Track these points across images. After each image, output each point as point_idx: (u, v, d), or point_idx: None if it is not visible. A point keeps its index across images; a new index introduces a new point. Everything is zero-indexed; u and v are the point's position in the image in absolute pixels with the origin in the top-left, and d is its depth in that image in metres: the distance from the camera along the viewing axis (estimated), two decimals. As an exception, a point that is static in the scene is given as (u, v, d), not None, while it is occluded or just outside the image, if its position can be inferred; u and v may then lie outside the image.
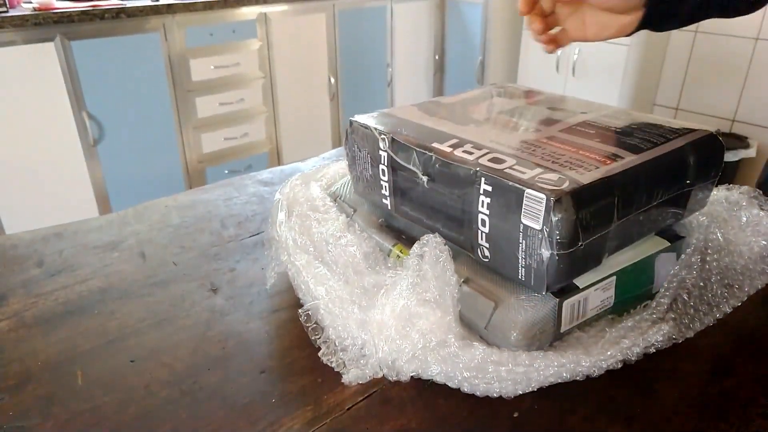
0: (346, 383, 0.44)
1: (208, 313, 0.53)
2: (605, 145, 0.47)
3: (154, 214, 0.71)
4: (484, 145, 0.47)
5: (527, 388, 0.42)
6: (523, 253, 0.42)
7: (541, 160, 0.44)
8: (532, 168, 0.43)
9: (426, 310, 0.44)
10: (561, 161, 0.44)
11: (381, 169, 0.53)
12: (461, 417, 0.42)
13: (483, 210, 0.44)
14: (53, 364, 0.47)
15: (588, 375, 0.42)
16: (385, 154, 0.51)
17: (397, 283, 0.46)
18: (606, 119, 0.53)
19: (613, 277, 0.46)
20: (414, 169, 0.49)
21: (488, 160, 0.45)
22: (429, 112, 0.56)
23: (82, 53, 1.93)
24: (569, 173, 0.42)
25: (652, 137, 0.48)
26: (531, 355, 0.42)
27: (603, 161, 0.44)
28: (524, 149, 0.46)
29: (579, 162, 0.44)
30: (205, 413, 0.42)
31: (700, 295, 0.49)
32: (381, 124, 0.53)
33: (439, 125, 0.52)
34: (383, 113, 0.57)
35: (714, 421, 0.41)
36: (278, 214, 0.56)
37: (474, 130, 0.51)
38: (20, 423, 0.41)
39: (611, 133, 0.50)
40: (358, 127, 0.54)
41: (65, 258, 0.61)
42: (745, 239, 0.52)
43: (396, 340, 0.44)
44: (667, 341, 0.45)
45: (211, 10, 2.20)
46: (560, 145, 0.47)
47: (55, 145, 1.97)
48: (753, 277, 0.51)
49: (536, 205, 0.40)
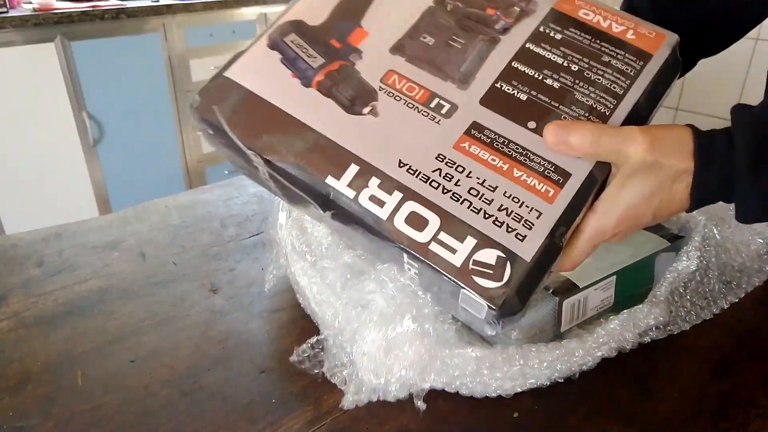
0: (344, 408, 0.42)
1: (208, 313, 0.53)
2: (540, 146, 0.38)
3: (154, 215, 0.71)
4: (393, 177, 0.37)
5: (525, 385, 0.42)
6: (463, 320, 0.39)
7: (467, 212, 0.36)
8: (462, 236, 0.35)
9: (405, 337, 0.40)
10: (492, 207, 0.36)
11: (262, 176, 0.42)
12: (461, 417, 0.42)
13: (410, 275, 0.38)
14: (53, 364, 0.47)
15: (583, 365, 0.42)
16: (264, 169, 0.41)
17: (373, 310, 0.42)
18: (539, 47, 0.42)
19: (613, 276, 0.47)
20: (309, 199, 0.40)
21: (406, 221, 0.36)
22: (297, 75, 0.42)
23: (82, 53, 1.93)
24: (507, 241, 0.35)
25: (601, 97, 0.39)
26: (523, 352, 0.41)
27: (545, 194, 0.36)
28: (443, 177, 0.37)
29: (516, 208, 0.36)
30: (205, 413, 0.42)
31: (696, 289, 0.49)
32: (237, 121, 0.40)
33: (320, 119, 0.40)
34: (228, 85, 0.42)
35: (714, 421, 0.41)
36: (279, 215, 0.56)
37: (371, 127, 0.39)
38: (20, 423, 0.41)
39: (554, 98, 0.40)
40: (206, 122, 0.42)
41: (65, 258, 0.61)
42: (742, 237, 0.52)
43: (381, 376, 0.41)
44: (663, 332, 0.45)
45: (211, 11, 2.20)
46: (485, 165, 0.37)
47: (55, 145, 1.97)
48: (750, 275, 0.52)
49: (476, 304, 0.35)
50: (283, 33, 0.44)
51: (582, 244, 0.38)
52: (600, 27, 0.42)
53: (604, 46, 0.41)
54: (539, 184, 0.37)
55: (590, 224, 0.38)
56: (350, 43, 0.43)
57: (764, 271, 0.52)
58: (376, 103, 0.40)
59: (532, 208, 0.36)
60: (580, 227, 0.38)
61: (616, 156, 0.37)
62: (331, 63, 0.42)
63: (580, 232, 0.38)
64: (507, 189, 0.37)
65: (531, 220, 0.36)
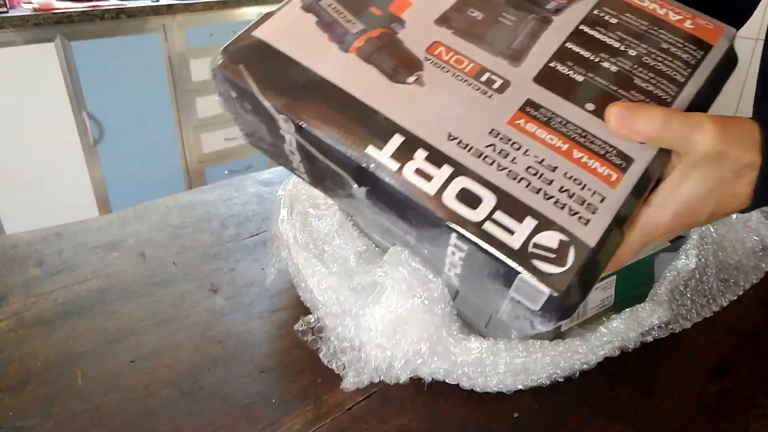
0: (344, 390, 0.43)
1: (208, 313, 0.53)
2: (604, 127, 0.35)
3: (154, 215, 0.71)
4: (442, 151, 0.34)
5: (527, 381, 0.42)
6: (505, 315, 0.35)
7: (526, 191, 0.33)
8: (520, 217, 0.32)
9: (414, 314, 0.42)
10: (552, 188, 0.33)
11: (287, 148, 0.39)
12: (461, 416, 0.42)
13: (452, 261, 0.35)
14: (53, 364, 0.47)
15: (586, 363, 0.42)
16: (293, 138, 0.38)
17: (383, 289, 0.44)
18: (598, 32, 0.40)
19: (613, 276, 0.47)
20: (342, 173, 0.37)
21: (457, 198, 0.33)
22: (337, 37, 0.39)
23: (82, 53, 1.93)
24: (569, 224, 0.32)
25: (662, 83, 0.38)
26: (526, 346, 0.42)
27: (607, 178, 0.34)
28: (497, 153, 0.34)
29: (578, 190, 0.33)
30: (205, 413, 0.42)
31: (696, 287, 0.50)
32: (267, 83, 0.37)
33: (360, 86, 0.37)
34: (257, 45, 0.39)
35: (714, 421, 0.41)
36: (280, 211, 0.56)
37: (417, 97, 0.37)
38: (20, 423, 0.41)
39: (612, 81, 0.38)
40: (230, 84, 0.38)
41: (65, 258, 0.61)
42: (737, 235, 0.53)
43: (387, 349, 0.42)
44: (665, 331, 0.46)
45: (211, 11, 2.20)
46: (543, 144, 0.35)
47: (55, 145, 1.97)
48: (747, 272, 0.52)
49: (534, 292, 0.32)
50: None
51: (632, 240, 0.36)
52: (657, 14, 0.41)
53: (662, 33, 0.40)
54: (601, 167, 0.34)
55: (643, 219, 0.36)
56: (392, 12, 0.41)
57: (761, 269, 0.53)
58: (421, 72, 0.38)
59: (594, 191, 0.34)
60: (631, 222, 0.36)
61: (683, 143, 0.35)
62: (371, 29, 0.40)
63: (631, 227, 0.36)
64: (568, 170, 0.34)
65: (594, 204, 0.33)
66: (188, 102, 2.24)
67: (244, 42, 0.39)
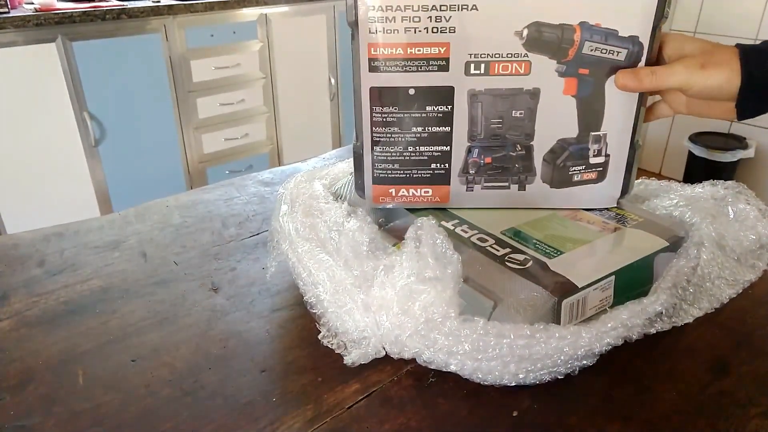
0: (348, 364, 0.44)
1: (209, 312, 0.53)
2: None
3: (155, 214, 0.71)
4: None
5: (529, 368, 0.42)
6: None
7: None
8: None
9: (427, 287, 0.44)
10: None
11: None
12: (461, 416, 0.42)
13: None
14: (54, 363, 0.47)
15: (590, 350, 0.42)
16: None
17: (396, 264, 0.46)
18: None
19: (612, 276, 0.47)
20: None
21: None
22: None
23: (84, 54, 1.94)
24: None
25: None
26: (531, 327, 0.42)
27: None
28: None
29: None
30: (205, 412, 0.42)
31: (697, 284, 0.50)
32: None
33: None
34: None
35: (713, 421, 0.41)
36: (281, 207, 0.56)
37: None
38: (21, 422, 0.41)
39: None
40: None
41: (66, 257, 0.62)
42: (734, 234, 0.53)
43: (399, 314, 0.44)
44: (668, 323, 0.46)
45: (212, 11, 2.20)
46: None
47: (57, 145, 1.97)
48: (745, 270, 0.53)
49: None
50: None
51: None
52: None
53: None
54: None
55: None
56: None
57: (758, 267, 0.53)
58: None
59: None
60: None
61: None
62: None
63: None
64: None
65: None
66: (189, 102, 2.24)
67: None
